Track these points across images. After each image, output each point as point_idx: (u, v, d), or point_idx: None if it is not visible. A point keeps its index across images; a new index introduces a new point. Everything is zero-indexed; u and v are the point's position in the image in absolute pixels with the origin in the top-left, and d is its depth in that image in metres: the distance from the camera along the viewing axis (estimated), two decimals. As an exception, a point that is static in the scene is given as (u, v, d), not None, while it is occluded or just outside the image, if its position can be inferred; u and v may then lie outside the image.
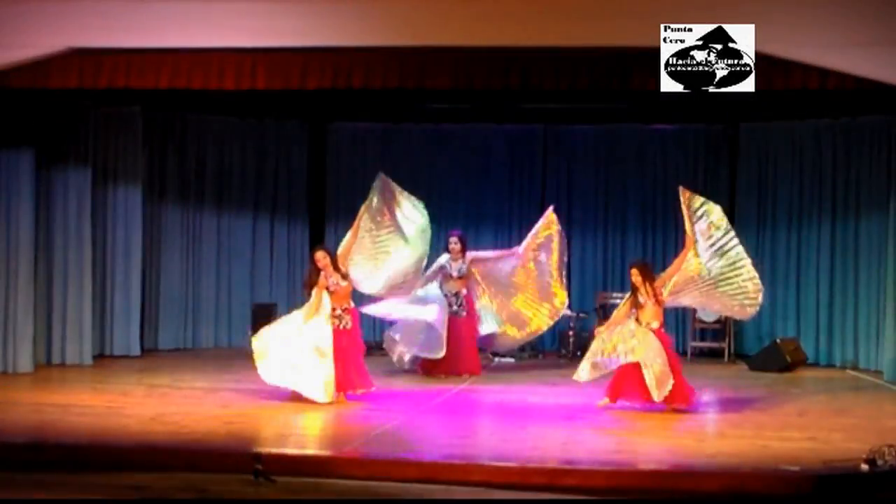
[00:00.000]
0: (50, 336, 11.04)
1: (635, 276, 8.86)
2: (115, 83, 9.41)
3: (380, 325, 11.88)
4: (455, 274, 11.04)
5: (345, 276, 9.28)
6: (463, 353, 10.86)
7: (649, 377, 8.54)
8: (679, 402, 8.72)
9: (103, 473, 6.72)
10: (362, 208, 9.80)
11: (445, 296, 10.95)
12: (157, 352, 12.26)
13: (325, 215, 13.60)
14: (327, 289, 9.17)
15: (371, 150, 13.57)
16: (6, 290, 10.45)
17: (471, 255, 11.19)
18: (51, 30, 9.12)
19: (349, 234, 9.61)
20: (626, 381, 8.76)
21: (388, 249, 9.89)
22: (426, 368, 10.82)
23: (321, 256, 9.24)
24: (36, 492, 6.40)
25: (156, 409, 8.61)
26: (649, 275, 8.91)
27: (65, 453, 7.04)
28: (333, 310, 9.16)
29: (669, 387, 8.55)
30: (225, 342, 12.90)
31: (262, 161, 13.25)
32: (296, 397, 8.98)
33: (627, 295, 9.04)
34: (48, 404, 8.85)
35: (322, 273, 9.18)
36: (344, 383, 9.09)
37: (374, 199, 9.93)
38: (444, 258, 11.11)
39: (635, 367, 8.64)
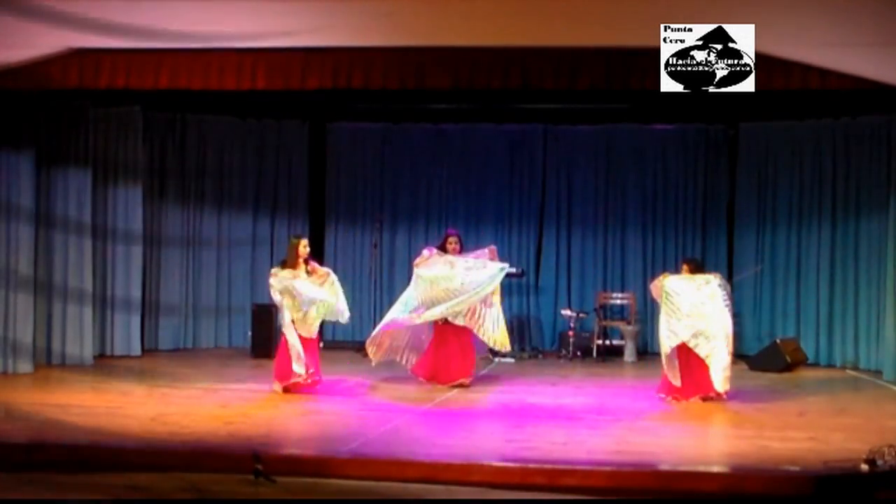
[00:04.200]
0: (50, 336, 11.03)
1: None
2: (115, 83, 9.41)
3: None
4: None
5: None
6: (452, 360, 10.08)
7: None
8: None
9: (103, 473, 6.73)
10: None
11: None
12: (157, 352, 12.25)
13: (325, 215, 13.60)
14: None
15: (371, 150, 13.60)
16: (6, 290, 10.43)
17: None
18: (51, 30, 9.11)
19: None
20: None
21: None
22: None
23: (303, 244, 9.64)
24: (36, 492, 6.41)
25: (156, 409, 8.61)
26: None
27: (65, 453, 7.04)
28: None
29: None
30: (225, 342, 12.90)
31: (262, 161, 13.24)
32: (295, 396, 8.99)
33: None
34: (48, 404, 8.84)
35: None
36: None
37: None
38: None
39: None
